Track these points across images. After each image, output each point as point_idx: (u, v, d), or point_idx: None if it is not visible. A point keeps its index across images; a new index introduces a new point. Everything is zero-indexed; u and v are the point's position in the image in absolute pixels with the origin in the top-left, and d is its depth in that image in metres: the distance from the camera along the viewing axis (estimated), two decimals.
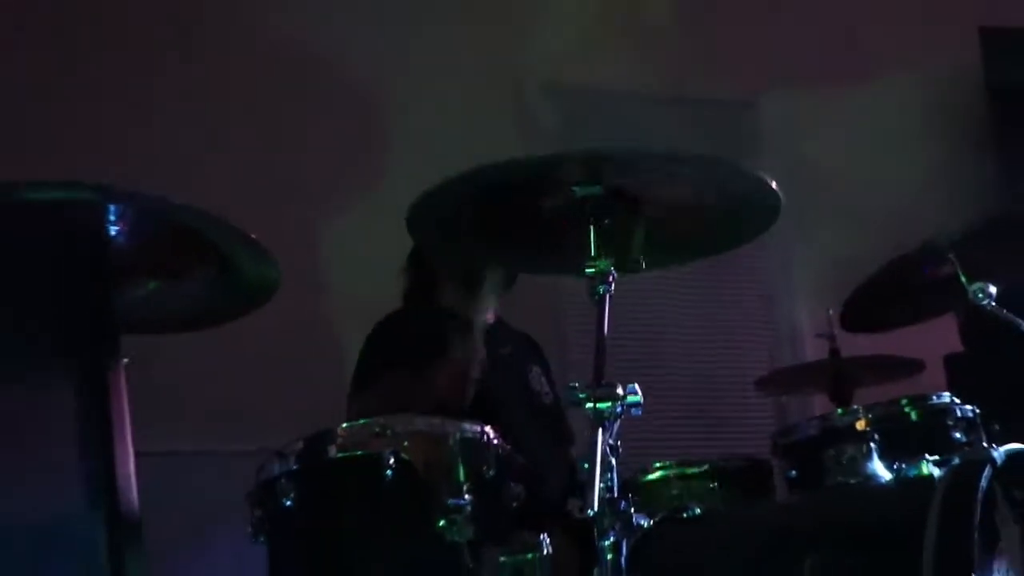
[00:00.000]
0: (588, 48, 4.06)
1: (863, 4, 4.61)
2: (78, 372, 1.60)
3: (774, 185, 1.94)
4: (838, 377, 3.03)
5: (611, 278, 1.97)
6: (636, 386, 1.82)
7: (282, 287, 2.34)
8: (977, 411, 2.42)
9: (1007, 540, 1.87)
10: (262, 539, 2.08)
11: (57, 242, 1.71)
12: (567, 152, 1.94)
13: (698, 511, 2.15)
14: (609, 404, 1.80)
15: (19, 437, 1.55)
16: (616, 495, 1.76)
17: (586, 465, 1.77)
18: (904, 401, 2.39)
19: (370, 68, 3.74)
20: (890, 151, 4.51)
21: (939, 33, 4.61)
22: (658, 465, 2.57)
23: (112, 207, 1.86)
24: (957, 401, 2.41)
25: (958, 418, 2.39)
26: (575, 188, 1.99)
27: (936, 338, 3.28)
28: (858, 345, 3.09)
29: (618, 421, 1.81)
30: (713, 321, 4.17)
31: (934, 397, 2.42)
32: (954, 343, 3.52)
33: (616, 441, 1.81)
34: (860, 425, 2.32)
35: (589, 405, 1.81)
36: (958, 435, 2.36)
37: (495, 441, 2.08)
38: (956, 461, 1.85)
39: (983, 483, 1.75)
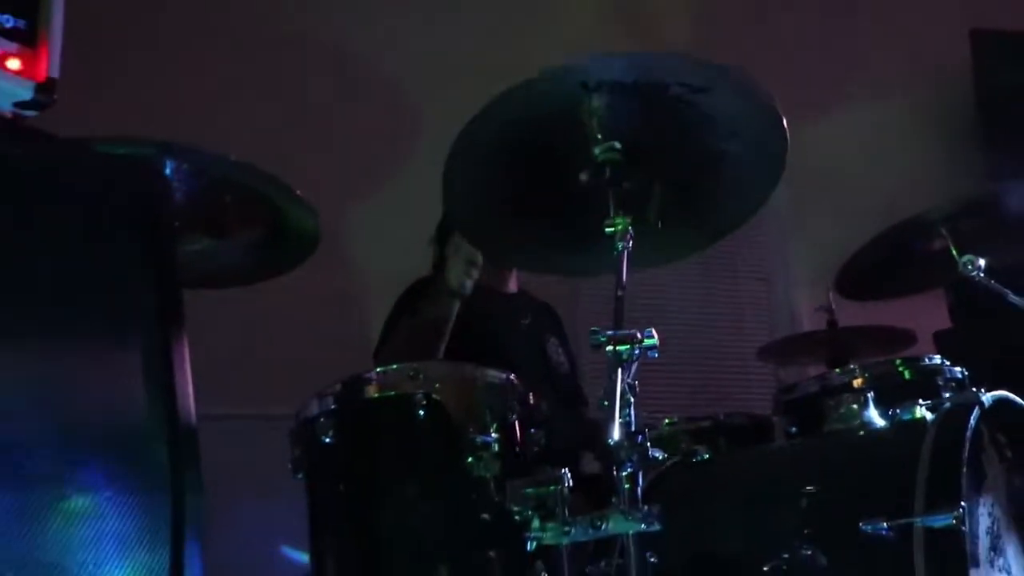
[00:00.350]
0: (599, 45, 4.14)
1: (859, 7, 4.69)
2: (145, 310, 1.67)
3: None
4: (835, 347, 3.10)
5: (629, 236, 2.05)
6: (653, 330, 1.90)
7: (314, 264, 2.43)
8: (965, 372, 2.49)
9: (992, 479, 1.94)
10: (301, 475, 2.15)
11: (126, 191, 1.78)
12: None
13: (706, 456, 2.22)
14: (627, 347, 1.88)
15: (97, 361, 1.62)
16: (634, 429, 1.83)
17: (606, 403, 1.86)
18: (898, 362, 2.47)
19: (398, 58, 3.82)
20: (883, 147, 4.60)
21: (930, 35, 4.68)
22: (667, 421, 2.65)
23: (169, 163, 1.94)
24: (947, 363, 2.48)
25: (948, 378, 2.46)
26: (596, 150, 2.07)
27: (927, 315, 3.35)
28: (854, 318, 3.16)
29: (635, 363, 1.89)
30: (715, 302, 4.25)
31: (926, 359, 2.49)
32: (943, 321, 3.59)
33: (634, 381, 1.88)
34: (857, 383, 2.40)
35: (609, 348, 1.89)
36: (948, 394, 2.43)
37: (519, 388, 2.16)
38: (947, 404, 1.92)
39: (972, 423, 1.82)
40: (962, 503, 1.70)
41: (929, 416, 1.93)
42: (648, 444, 1.84)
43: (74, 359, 1.59)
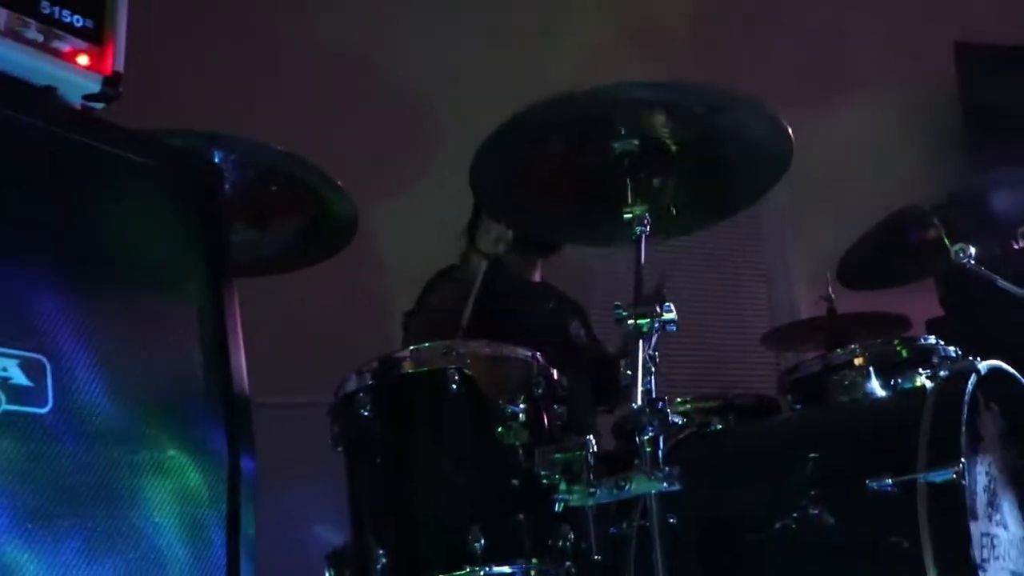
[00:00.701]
0: (605, 54, 4.23)
1: (850, 21, 4.76)
2: (202, 285, 1.73)
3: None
4: (834, 333, 3.15)
5: (646, 220, 2.11)
6: (671, 304, 1.96)
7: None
8: (959, 351, 2.54)
9: (988, 442, 2.00)
10: (340, 448, 2.20)
11: (184, 175, 1.84)
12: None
13: (719, 427, 2.27)
14: (648, 320, 1.94)
15: (162, 329, 1.68)
16: (654, 396, 1.89)
17: (629, 372, 1.92)
18: (896, 342, 2.52)
19: (418, 62, 3.89)
20: (876, 153, 4.66)
21: (917, 48, 4.75)
22: (679, 400, 2.69)
23: (218, 152, 2.01)
24: (942, 343, 2.53)
25: (943, 356, 2.51)
26: (615, 144, 2.14)
27: (919, 305, 3.40)
28: (851, 307, 3.22)
29: (655, 335, 1.95)
30: (717, 299, 4.30)
31: (922, 339, 2.54)
32: (935, 310, 3.64)
33: (654, 352, 1.94)
34: (858, 361, 2.44)
35: (631, 321, 1.95)
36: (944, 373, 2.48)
37: (544, 364, 2.22)
38: (945, 372, 1.97)
39: (969, 387, 1.87)
40: (962, 459, 1.75)
41: (929, 384, 1.98)
42: (668, 410, 1.90)
43: (141, 328, 1.65)
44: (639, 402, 1.85)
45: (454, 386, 2.08)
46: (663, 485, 1.83)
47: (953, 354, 2.53)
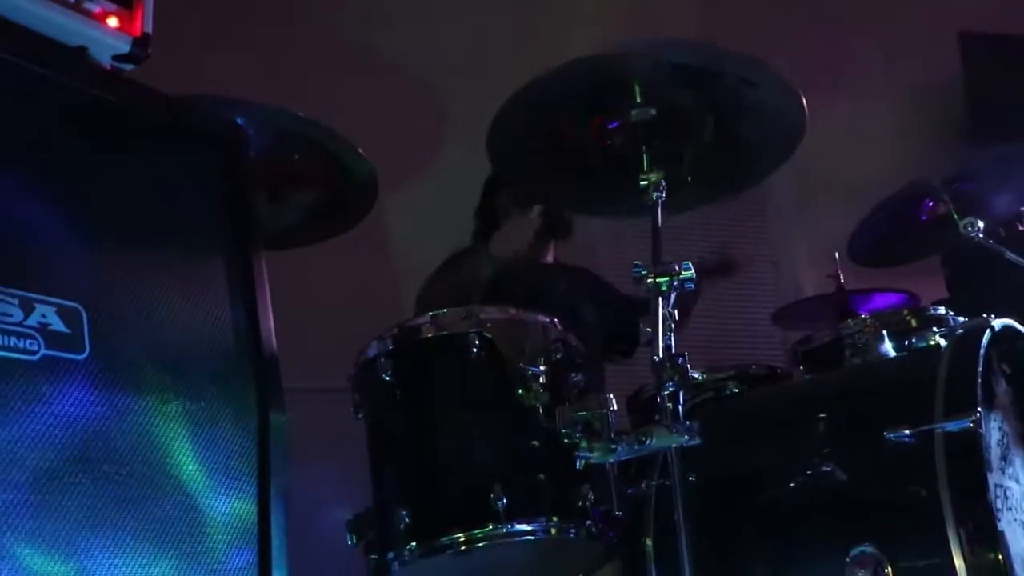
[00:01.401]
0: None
1: (854, 10, 4.79)
2: (231, 243, 1.77)
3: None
4: (843, 309, 3.18)
5: (662, 186, 2.15)
6: (690, 263, 1.99)
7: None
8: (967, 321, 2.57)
9: (1001, 399, 2.03)
10: (361, 415, 2.23)
11: (210, 138, 1.87)
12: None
13: (736, 390, 2.31)
14: (667, 278, 1.98)
15: (194, 285, 1.71)
16: (674, 352, 1.92)
17: (649, 329, 1.95)
18: (906, 311, 2.55)
19: (425, 41, 3.92)
20: (878, 145, 4.69)
21: (922, 38, 4.79)
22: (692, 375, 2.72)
23: (240, 117, 2.04)
24: (951, 312, 2.56)
25: (952, 323, 2.54)
26: (632, 112, 2.17)
27: (924, 288, 3.43)
28: (859, 286, 3.25)
29: (674, 294, 1.98)
30: (726, 287, 4.30)
31: (932, 309, 2.57)
32: (941, 292, 3.67)
33: (673, 310, 1.97)
34: (868, 330, 2.47)
35: (650, 280, 1.98)
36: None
37: (563, 331, 2.24)
38: (960, 330, 2.00)
39: (985, 342, 1.90)
40: (979, 409, 1.78)
41: (943, 342, 2.01)
42: (688, 365, 1.93)
43: (174, 281, 1.68)
44: (659, 357, 1.88)
45: (475, 349, 2.11)
46: (684, 439, 1.86)
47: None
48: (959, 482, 1.76)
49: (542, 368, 2.10)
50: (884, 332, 2.25)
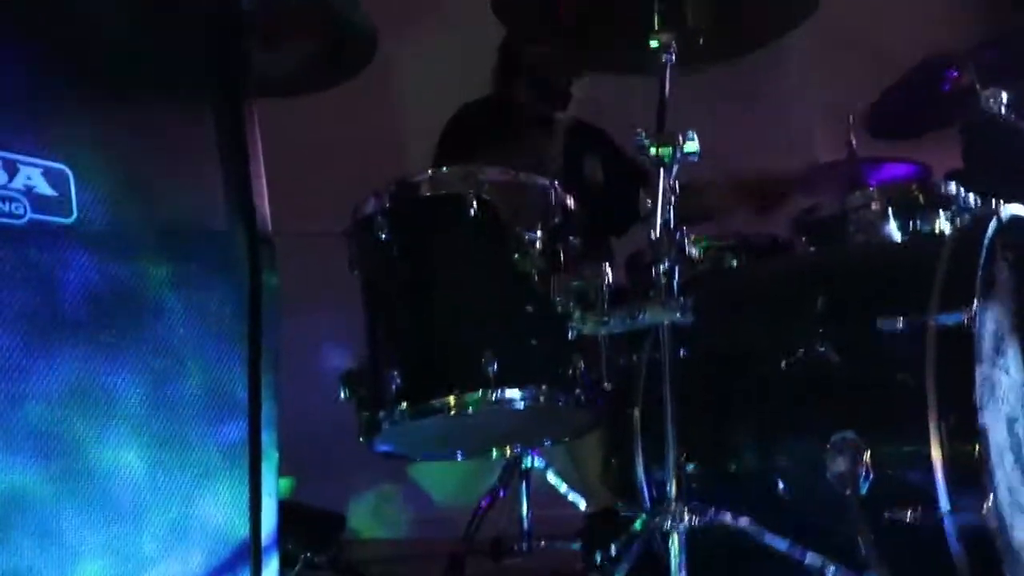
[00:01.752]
0: None
1: None
2: (220, 100, 1.71)
3: None
4: (853, 178, 3.12)
5: (672, 48, 2.06)
6: (694, 133, 1.93)
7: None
8: (979, 198, 2.53)
9: (1000, 288, 2.01)
10: (356, 271, 2.22)
11: None
12: None
13: (734, 263, 2.29)
14: (670, 149, 1.92)
15: (177, 143, 1.67)
16: (673, 227, 1.89)
17: (649, 201, 1.91)
18: (914, 186, 2.50)
19: None
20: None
21: None
22: (694, 238, 2.69)
23: None
24: (962, 189, 2.51)
25: (962, 206, 2.49)
26: None
27: (940, 157, 3.35)
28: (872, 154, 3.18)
29: (677, 165, 1.93)
30: (733, 132, 4.17)
31: (942, 184, 2.51)
32: (956, 162, 3.59)
33: (675, 183, 1.93)
34: (876, 205, 2.43)
35: (652, 151, 1.93)
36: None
37: (562, 194, 2.21)
38: (966, 217, 1.97)
39: (990, 232, 1.87)
40: (975, 305, 1.76)
41: (948, 229, 1.98)
42: (686, 241, 1.91)
43: (161, 140, 1.64)
44: (656, 234, 1.86)
45: (472, 211, 2.08)
46: (676, 315, 1.86)
47: (973, 201, 2.52)
48: (946, 375, 1.76)
49: (539, 234, 2.08)
50: (889, 210, 2.20)
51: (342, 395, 2.19)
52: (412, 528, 3.84)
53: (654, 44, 2.07)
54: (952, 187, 2.53)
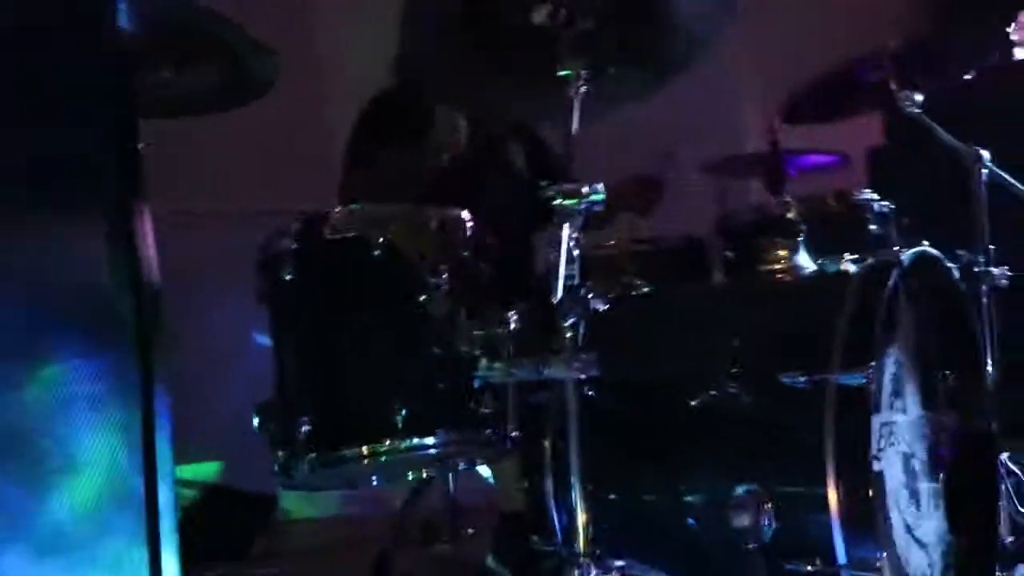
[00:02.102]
0: None
1: None
2: (104, 170, 1.61)
3: None
4: (776, 170, 3.11)
5: (582, 80, 2.00)
6: (600, 186, 1.89)
7: (284, 71, 2.29)
8: (892, 207, 2.53)
9: (903, 326, 2.02)
10: (264, 305, 2.17)
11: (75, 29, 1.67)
12: None
13: (645, 290, 2.27)
14: (575, 201, 1.88)
15: (58, 228, 1.58)
16: (577, 283, 1.86)
17: (552, 255, 1.88)
18: (830, 196, 2.49)
19: None
20: None
21: None
22: (611, 242, 2.67)
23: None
24: (876, 198, 2.51)
25: (875, 213, 2.50)
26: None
27: (863, 134, 3.35)
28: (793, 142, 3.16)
29: (581, 217, 1.89)
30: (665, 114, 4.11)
31: (855, 193, 2.51)
32: (877, 139, 3.59)
33: (580, 234, 1.89)
34: (791, 215, 2.42)
35: (557, 202, 1.89)
36: (874, 227, 2.48)
37: (470, 225, 2.16)
38: (869, 261, 1.96)
39: (890, 284, 1.87)
40: (872, 364, 1.77)
41: (852, 269, 1.97)
42: (590, 296, 1.89)
43: (35, 228, 1.56)
44: (560, 295, 1.83)
45: (376, 252, 2.04)
46: (579, 374, 1.85)
47: (886, 211, 2.52)
48: (844, 430, 1.78)
49: (445, 277, 2.04)
50: (800, 240, 2.20)
51: (255, 425, 2.17)
52: (344, 506, 3.86)
53: (564, 74, 2.01)
54: (867, 195, 2.54)
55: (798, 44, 3.37)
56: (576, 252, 1.88)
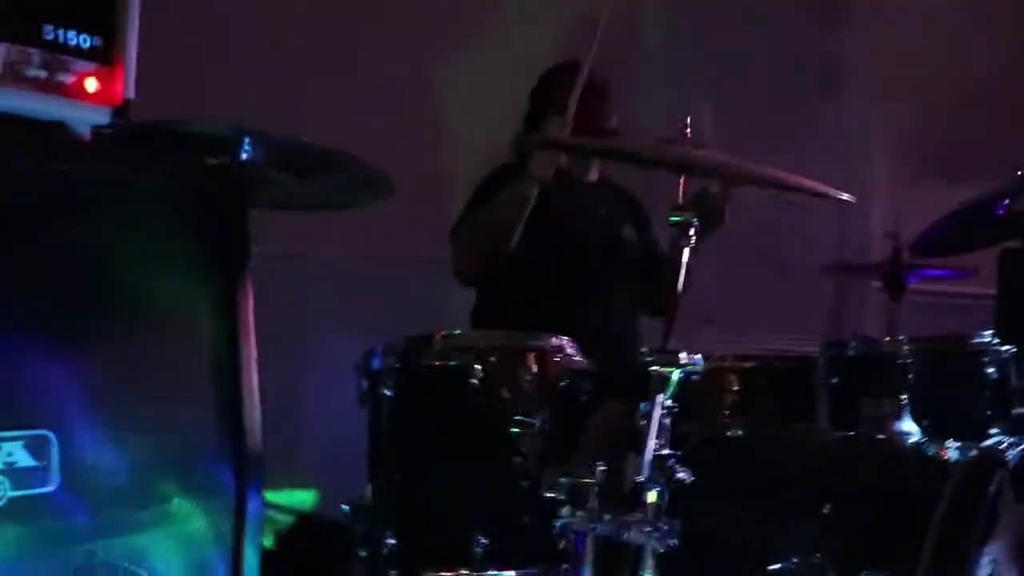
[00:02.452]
0: None
1: None
2: (216, 334, 1.70)
3: None
4: (896, 278, 3.00)
5: (692, 232, 1.97)
6: (700, 357, 1.87)
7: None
8: (1013, 350, 2.42)
9: (1005, 522, 1.94)
10: (365, 407, 2.24)
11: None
12: None
13: (739, 432, 2.24)
14: (673, 369, 1.87)
15: (165, 372, 1.67)
16: (665, 453, 1.86)
17: (643, 421, 1.87)
18: (946, 344, 2.42)
19: None
20: (968, 37, 4.11)
21: None
22: (717, 356, 2.62)
23: (246, 140, 1.87)
24: (996, 342, 2.41)
25: (994, 355, 2.40)
26: None
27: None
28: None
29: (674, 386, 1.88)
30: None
31: (976, 338, 2.41)
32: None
33: (673, 402, 1.88)
34: (902, 358, 2.35)
35: (655, 368, 1.88)
36: (991, 371, 2.39)
37: (570, 352, 2.17)
38: (973, 454, 1.89)
39: (992, 488, 1.80)
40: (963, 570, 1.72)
41: (954, 458, 1.91)
42: (676, 467, 1.87)
43: (148, 374, 1.65)
44: (646, 470, 1.83)
45: (475, 381, 2.07)
46: (656, 545, 1.84)
47: (1005, 355, 2.42)
48: None
49: (539, 417, 2.07)
50: (904, 403, 2.14)
51: (346, 511, 2.24)
52: None
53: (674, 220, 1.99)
54: (987, 337, 2.44)
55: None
56: (668, 422, 1.87)
